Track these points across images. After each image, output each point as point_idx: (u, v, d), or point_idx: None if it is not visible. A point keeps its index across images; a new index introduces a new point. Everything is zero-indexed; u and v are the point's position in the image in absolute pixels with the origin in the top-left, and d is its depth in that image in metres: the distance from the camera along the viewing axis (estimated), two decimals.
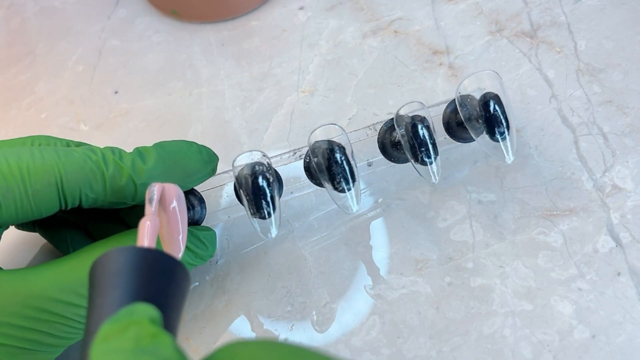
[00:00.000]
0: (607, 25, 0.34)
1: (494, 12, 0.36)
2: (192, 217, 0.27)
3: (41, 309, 0.22)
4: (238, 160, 0.27)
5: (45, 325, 0.22)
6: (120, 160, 0.24)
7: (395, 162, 0.29)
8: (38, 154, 0.23)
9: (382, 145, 0.29)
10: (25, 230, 0.30)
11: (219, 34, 0.38)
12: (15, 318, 0.22)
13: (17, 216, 0.23)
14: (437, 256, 0.29)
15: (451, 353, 0.26)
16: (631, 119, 0.31)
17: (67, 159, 0.23)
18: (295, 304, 0.28)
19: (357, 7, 0.38)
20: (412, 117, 0.27)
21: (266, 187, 0.26)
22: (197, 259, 0.27)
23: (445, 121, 0.29)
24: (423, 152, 0.27)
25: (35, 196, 0.23)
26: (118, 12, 0.40)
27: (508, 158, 0.27)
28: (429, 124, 0.27)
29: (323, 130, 0.27)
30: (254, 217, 0.26)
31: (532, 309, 0.27)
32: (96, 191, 0.24)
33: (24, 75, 0.38)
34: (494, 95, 0.27)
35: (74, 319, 0.23)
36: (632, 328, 0.26)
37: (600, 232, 0.28)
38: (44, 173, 0.23)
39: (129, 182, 0.24)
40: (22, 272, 0.23)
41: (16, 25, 0.41)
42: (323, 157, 0.26)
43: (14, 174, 0.22)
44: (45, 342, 0.23)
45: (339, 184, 0.26)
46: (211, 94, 0.36)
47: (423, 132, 0.27)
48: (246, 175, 0.26)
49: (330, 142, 0.27)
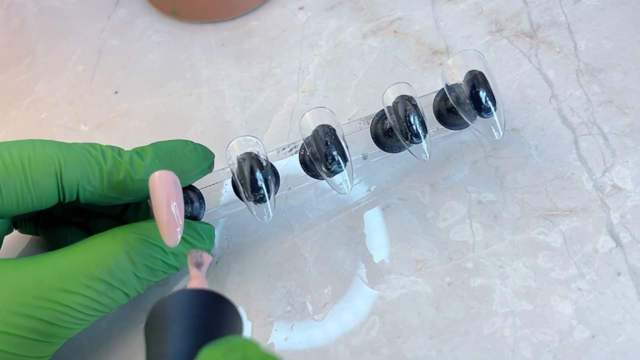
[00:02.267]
0: (607, 25, 0.34)
1: (494, 12, 0.36)
2: (191, 212, 0.28)
3: (40, 296, 0.23)
4: (231, 146, 0.27)
5: (44, 313, 0.23)
6: (118, 156, 0.25)
7: (389, 151, 0.30)
8: (39, 145, 0.24)
9: (375, 136, 0.29)
10: (28, 233, 0.30)
11: (219, 34, 0.38)
12: (14, 305, 0.22)
13: (17, 205, 0.23)
14: (437, 256, 0.29)
15: (451, 353, 0.26)
16: (631, 119, 0.31)
17: (67, 151, 0.24)
18: (295, 304, 0.28)
19: (357, 7, 0.38)
20: (400, 97, 0.28)
21: (259, 171, 0.26)
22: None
23: (435, 110, 0.30)
24: (411, 126, 0.27)
25: (35, 185, 0.23)
26: (118, 12, 0.40)
27: (497, 134, 0.28)
28: (416, 102, 0.27)
29: (314, 114, 0.27)
30: (249, 200, 0.26)
31: (532, 309, 0.27)
32: (93, 184, 0.24)
33: (24, 75, 0.38)
34: (478, 73, 0.28)
35: (73, 307, 0.23)
36: (632, 328, 0.26)
37: (600, 232, 0.28)
38: (44, 163, 0.23)
39: (126, 177, 0.24)
40: (20, 260, 0.24)
41: (16, 25, 0.41)
42: (315, 140, 0.27)
43: (15, 163, 0.23)
44: (45, 330, 0.23)
45: (331, 165, 0.26)
46: (211, 94, 0.36)
47: (409, 110, 0.27)
48: (239, 159, 0.26)
49: (322, 126, 0.27)
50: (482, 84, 0.27)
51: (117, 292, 0.25)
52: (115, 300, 0.25)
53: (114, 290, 0.24)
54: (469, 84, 0.27)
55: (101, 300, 0.24)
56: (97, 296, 0.24)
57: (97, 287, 0.24)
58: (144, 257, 0.25)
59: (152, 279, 0.26)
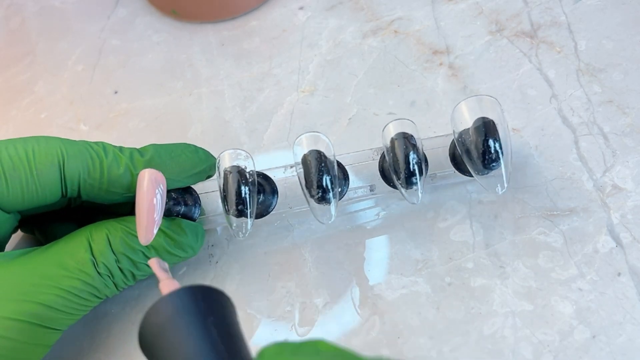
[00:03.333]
0: (608, 25, 0.34)
1: (494, 12, 0.36)
2: (186, 213, 0.28)
3: (36, 283, 0.24)
4: (222, 159, 0.27)
5: (43, 298, 0.23)
6: (119, 151, 0.26)
7: (394, 187, 0.29)
8: (43, 139, 0.25)
9: (382, 169, 0.29)
10: (26, 232, 0.30)
11: (219, 34, 0.38)
12: (14, 293, 0.23)
13: (23, 197, 0.24)
14: (437, 256, 0.29)
15: (451, 353, 0.26)
16: (631, 119, 0.31)
17: (70, 145, 0.25)
18: (295, 304, 0.28)
19: (357, 7, 0.38)
20: (399, 134, 0.27)
21: (241, 187, 0.26)
22: (175, 247, 0.27)
23: (451, 153, 0.29)
24: (407, 171, 0.26)
25: (39, 176, 0.24)
26: (118, 12, 0.40)
27: (499, 188, 0.26)
28: (415, 142, 0.26)
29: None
30: (227, 214, 0.26)
31: (532, 309, 0.27)
32: (94, 177, 0.25)
33: (24, 75, 0.38)
34: (488, 121, 0.26)
35: (70, 290, 0.24)
36: (633, 328, 0.26)
37: (601, 232, 0.28)
38: (47, 155, 0.24)
39: (126, 172, 0.25)
40: (15, 253, 0.25)
41: (16, 25, 0.41)
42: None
43: (20, 156, 0.24)
44: (45, 315, 0.24)
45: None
46: (211, 94, 0.36)
47: (407, 149, 0.26)
48: (225, 172, 0.27)
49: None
50: (489, 135, 0.25)
51: (107, 279, 0.25)
52: (106, 286, 0.25)
53: (103, 277, 0.25)
54: (475, 134, 0.26)
55: (94, 284, 0.25)
56: (91, 280, 0.25)
57: (89, 271, 0.24)
58: (124, 248, 0.25)
59: (135, 272, 0.26)
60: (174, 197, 0.27)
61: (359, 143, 0.32)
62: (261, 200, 0.28)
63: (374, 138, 0.32)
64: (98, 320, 0.29)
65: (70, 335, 0.28)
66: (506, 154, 0.26)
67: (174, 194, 0.27)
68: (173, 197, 0.27)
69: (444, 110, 0.33)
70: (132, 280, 0.26)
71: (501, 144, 0.26)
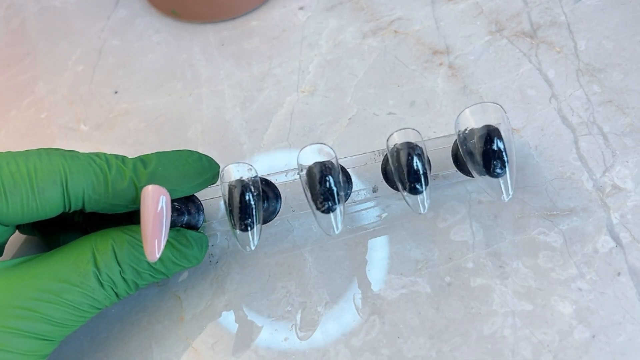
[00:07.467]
0: (607, 25, 0.34)
1: (494, 12, 0.36)
2: (189, 222, 0.27)
3: (35, 297, 0.23)
4: (226, 172, 0.27)
5: (42, 310, 0.23)
6: (122, 164, 0.25)
7: (397, 190, 0.28)
8: (45, 154, 0.24)
9: (385, 172, 0.29)
10: (25, 233, 0.30)
11: (219, 34, 0.38)
12: (13, 306, 0.23)
13: (22, 213, 0.24)
14: (437, 256, 0.29)
15: (451, 353, 0.26)
16: (631, 119, 0.31)
17: (73, 160, 0.24)
18: (295, 304, 0.28)
19: (357, 7, 0.38)
20: (403, 144, 0.26)
21: (247, 202, 0.26)
22: (181, 258, 0.27)
23: (453, 154, 0.29)
24: (411, 179, 0.26)
25: (40, 194, 0.23)
26: (118, 12, 0.40)
27: (505, 195, 0.26)
28: (420, 151, 0.26)
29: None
30: (234, 228, 0.26)
31: (532, 309, 0.27)
32: (98, 192, 0.24)
33: (24, 75, 0.38)
34: (493, 129, 0.26)
35: (69, 303, 0.24)
36: (632, 328, 0.26)
37: (600, 232, 0.28)
38: (50, 172, 0.24)
39: (130, 185, 0.25)
40: (15, 262, 0.24)
41: (16, 25, 0.41)
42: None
43: (22, 172, 0.23)
44: (43, 328, 0.23)
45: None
46: (211, 94, 0.36)
47: (412, 159, 0.26)
48: (230, 187, 0.26)
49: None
50: (495, 142, 0.25)
51: (109, 290, 0.25)
52: (108, 297, 0.25)
53: (105, 288, 0.25)
54: (481, 142, 0.26)
55: (95, 296, 0.24)
56: (92, 292, 0.24)
57: (92, 283, 0.24)
58: (129, 258, 0.25)
59: (139, 281, 0.26)
60: (178, 208, 0.27)
61: (359, 143, 0.32)
62: (265, 207, 0.28)
63: (374, 138, 0.32)
64: (98, 320, 0.29)
65: (70, 335, 0.28)
66: (511, 161, 0.26)
67: (178, 204, 0.27)
68: (177, 207, 0.27)
69: (444, 110, 0.33)
70: (134, 290, 0.26)
71: (507, 152, 0.26)
